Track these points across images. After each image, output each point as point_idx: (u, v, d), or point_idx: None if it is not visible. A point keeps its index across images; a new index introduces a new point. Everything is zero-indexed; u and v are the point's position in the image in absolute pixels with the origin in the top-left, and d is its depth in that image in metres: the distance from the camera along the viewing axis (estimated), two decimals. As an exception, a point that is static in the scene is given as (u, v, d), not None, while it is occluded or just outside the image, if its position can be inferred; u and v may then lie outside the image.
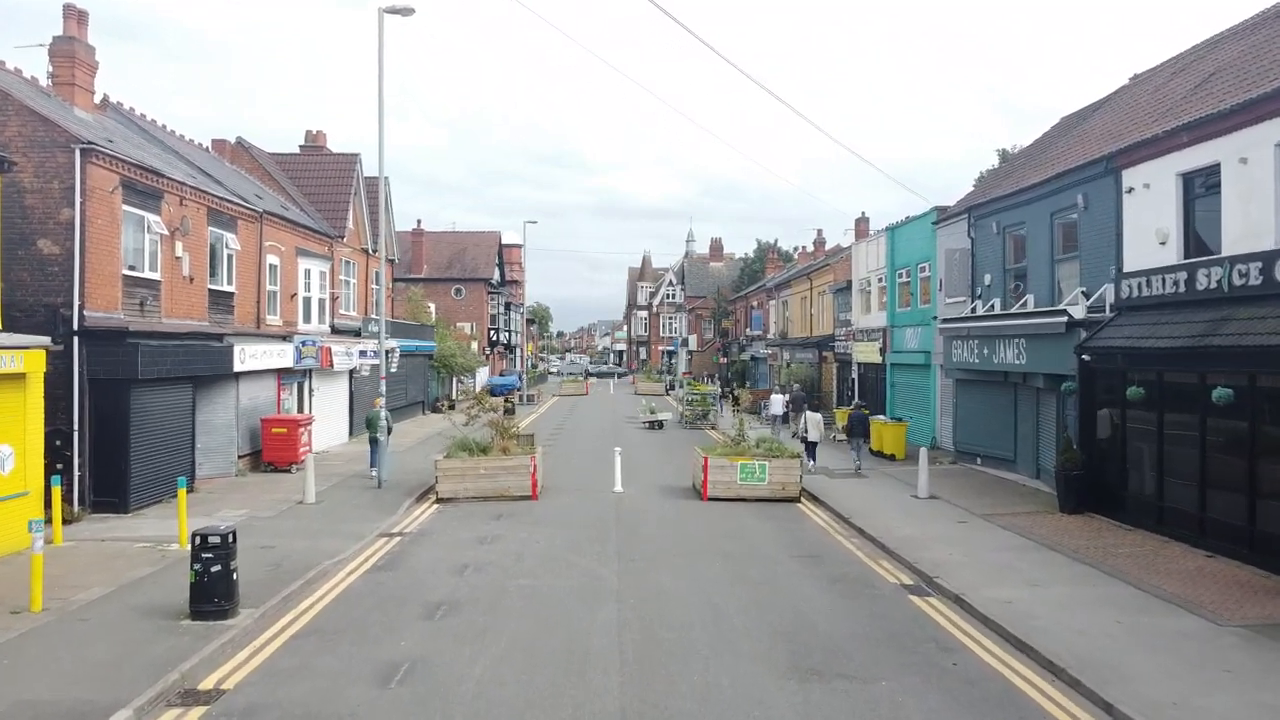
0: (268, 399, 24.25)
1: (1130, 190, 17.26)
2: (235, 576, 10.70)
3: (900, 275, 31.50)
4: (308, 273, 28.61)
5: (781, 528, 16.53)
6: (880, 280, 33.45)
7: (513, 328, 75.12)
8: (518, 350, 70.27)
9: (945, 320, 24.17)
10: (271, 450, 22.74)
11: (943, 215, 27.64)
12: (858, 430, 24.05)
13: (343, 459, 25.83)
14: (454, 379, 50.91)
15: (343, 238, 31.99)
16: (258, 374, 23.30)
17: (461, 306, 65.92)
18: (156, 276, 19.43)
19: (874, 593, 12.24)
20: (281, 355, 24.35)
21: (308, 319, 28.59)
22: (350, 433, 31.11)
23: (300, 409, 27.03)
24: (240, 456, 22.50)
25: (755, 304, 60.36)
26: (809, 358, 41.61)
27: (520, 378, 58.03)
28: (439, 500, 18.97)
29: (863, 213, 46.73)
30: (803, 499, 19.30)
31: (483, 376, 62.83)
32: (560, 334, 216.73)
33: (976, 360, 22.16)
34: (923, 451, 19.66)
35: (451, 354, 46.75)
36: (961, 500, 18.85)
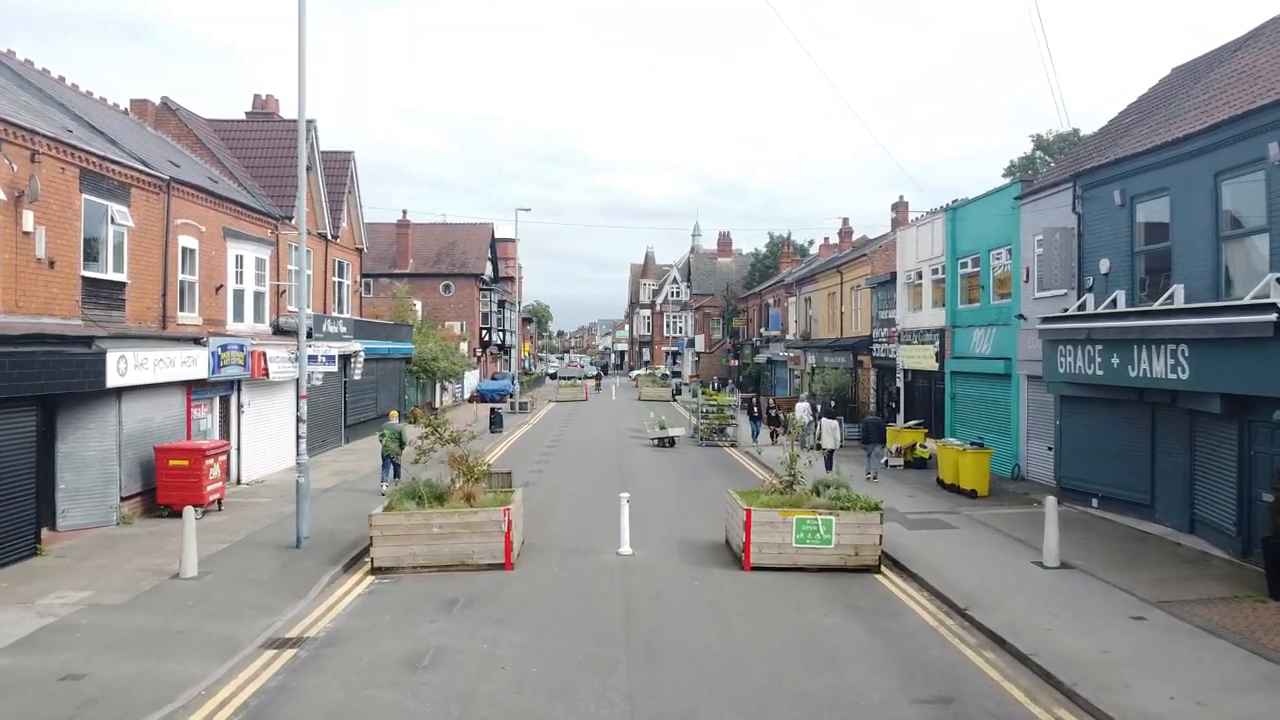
0: (171, 420, 18.80)
1: (1374, 129, 11.81)
2: None
3: (964, 264, 26.05)
4: (239, 259, 23.16)
5: (874, 630, 11.05)
6: (936, 271, 28.00)
7: (507, 327, 69.59)
8: (513, 351, 64.75)
9: (1047, 320, 18.71)
10: (169, 489, 17.28)
11: (1029, 188, 22.18)
12: (873, 436, 23.59)
13: (276, 494, 20.37)
14: (437, 385, 45.45)
15: (290, 219, 26.51)
16: (155, 388, 17.88)
17: (450, 304, 60.57)
18: (-12, 258, 14.01)
19: (1099, 813, 6.77)
20: (190, 363, 18.91)
21: (240, 317, 23.16)
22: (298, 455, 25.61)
23: (226, 431, 21.61)
24: (126, 498, 17.06)
25: (771, 301, 54.90)
26: (841, 362, 36.15)
27: (513, 382, 52.52)
28: (374, 570, 13.52)
29: (900, 197, 41.27)
30: (883, 567, 13.86)
31: (472, 381, 57.41)
32: (561, 333, 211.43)
33: (1099, 371, 16.68)
34: (1050, 502, 14.14)
35: (433, 356, 41.26)
36: (1108, 572, 13.39)
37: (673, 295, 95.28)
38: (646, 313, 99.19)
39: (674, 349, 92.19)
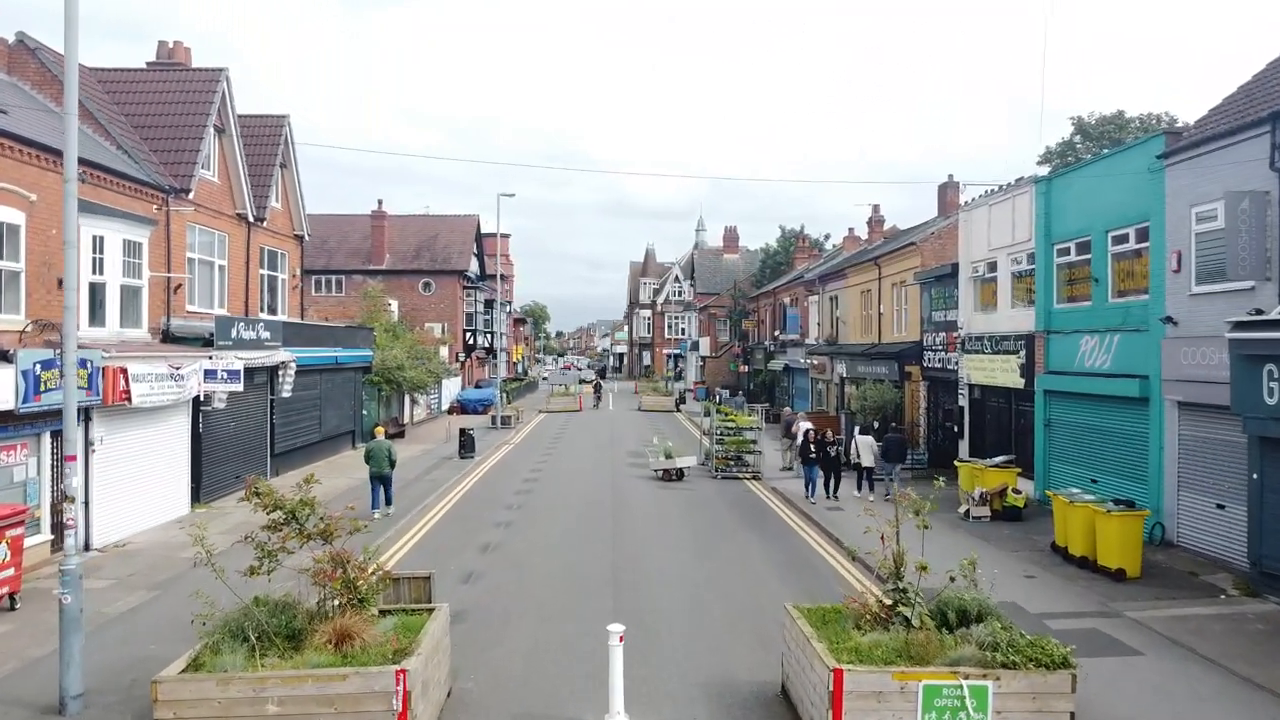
0: (-54, 474, 12.78)
1: None
2: None
3: (1063, 250, 20.03)
4: (99, 242, 17.14)
5: None
6: (1018, 260, 22.00)
7: (495, 329, 63.52)
8: (501, 355, 58.72)
9: (1240, 325, 12.69)
10: (-80, 585, 11.28)
11: (1179, 142, 16.12)
12: (893, 455, 22.23)
13: (129, 569, 14.34)
14: (405, 397, 39.39)
15: (188, 192, 20.47)
16: (-91, 429, 11.87)
17: (431, 304, 54.68)
18: None
19: None
20: (-20, 389, 12.87)
21: (99, 320, 17.15)
22: (194, 500, 19.64)
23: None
24: None
25: (789, 300, 48.82)
26: (883, 373, 30.07)
27: (498, 392, 46.38)
28: (163, 784, 7.47)
29: (950, 176, 35.19)
30: (1072, 766, 7.80)
31: (453, 389, 51.39)
32: (559, 334, 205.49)
33: (1359, 407, 10.65)
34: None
35: (398, 365, 35.17)
36: None
37: (675, 295, 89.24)
38: (647, 313, 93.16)
39: (676, 351, 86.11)
